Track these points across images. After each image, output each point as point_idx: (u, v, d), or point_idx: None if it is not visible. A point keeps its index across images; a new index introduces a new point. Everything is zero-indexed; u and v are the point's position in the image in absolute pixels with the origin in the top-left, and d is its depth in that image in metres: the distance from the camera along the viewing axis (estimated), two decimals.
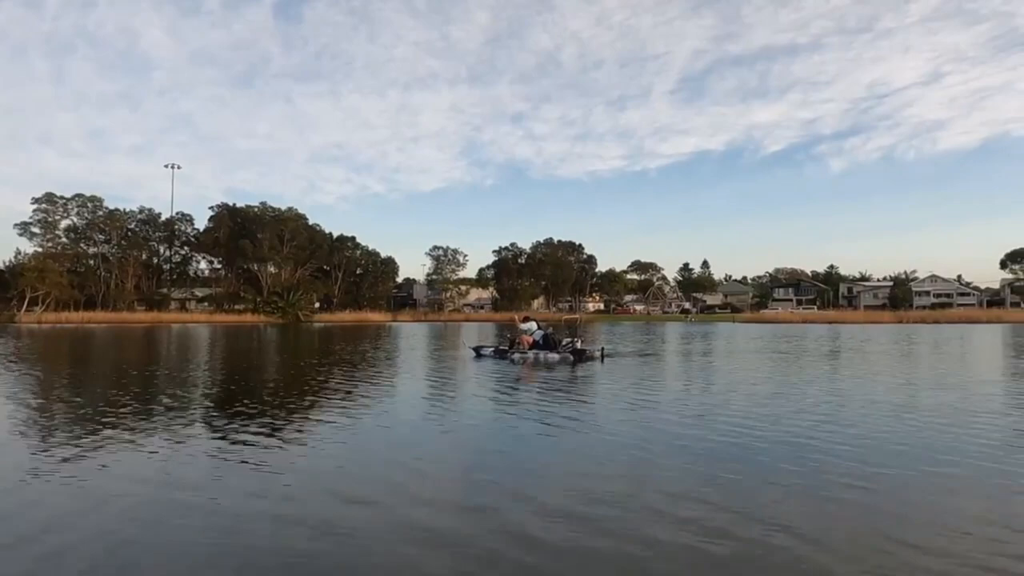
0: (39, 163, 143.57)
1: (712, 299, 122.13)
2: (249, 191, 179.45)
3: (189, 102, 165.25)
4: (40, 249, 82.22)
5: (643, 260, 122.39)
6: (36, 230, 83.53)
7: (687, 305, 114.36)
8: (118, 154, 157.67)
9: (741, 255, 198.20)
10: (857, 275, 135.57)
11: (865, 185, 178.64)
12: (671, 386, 13.80)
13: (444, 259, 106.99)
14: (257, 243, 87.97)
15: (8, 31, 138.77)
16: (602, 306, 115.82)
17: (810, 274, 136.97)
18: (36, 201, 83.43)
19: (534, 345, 19.71)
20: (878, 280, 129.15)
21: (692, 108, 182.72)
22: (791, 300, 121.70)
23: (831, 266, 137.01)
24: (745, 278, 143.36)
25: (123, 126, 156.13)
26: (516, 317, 22.89)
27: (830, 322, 69.73)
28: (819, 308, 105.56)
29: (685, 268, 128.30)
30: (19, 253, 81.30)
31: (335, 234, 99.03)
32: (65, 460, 6.79)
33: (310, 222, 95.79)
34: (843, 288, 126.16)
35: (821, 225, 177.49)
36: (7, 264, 79.70)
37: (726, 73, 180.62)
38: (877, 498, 5.39)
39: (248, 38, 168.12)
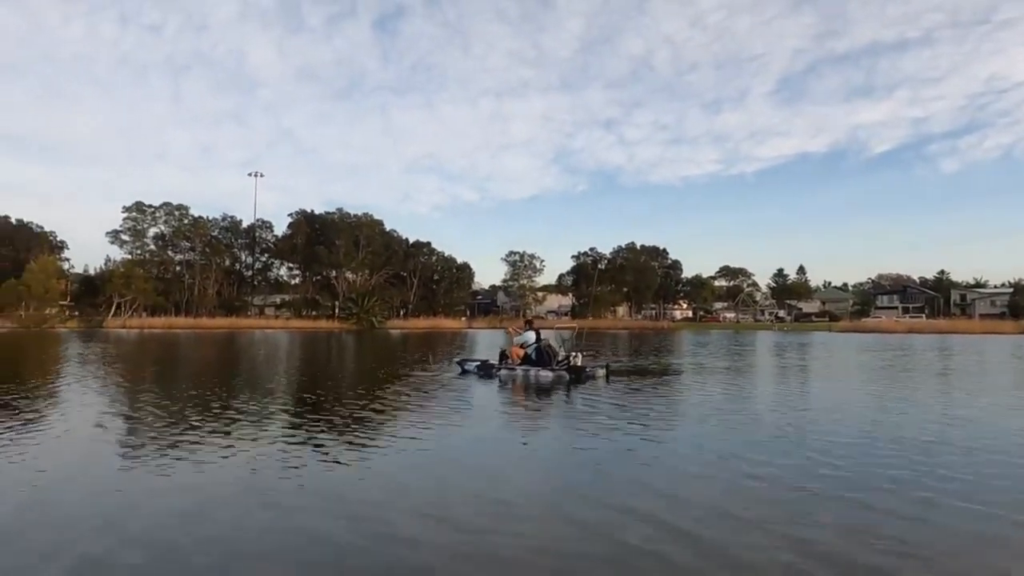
0: (155, 178, 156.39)
1: (808, 306, 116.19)
2: (348, 202, 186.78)
3: (292, 117, 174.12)
4: (129, 256, 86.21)
5: (733, 266, 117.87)
6: (126, 238, 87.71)
7: (781, 313, 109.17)
8: (227, 168, 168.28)
9: (841, 261, 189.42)
10: (971, 281, 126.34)
11: (981, 186, 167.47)
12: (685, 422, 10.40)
13: (520, 265, 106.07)
14: (333, 249, 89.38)
15: (133, 54, 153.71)
16: (690, 314, 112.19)
17: (918, 280, 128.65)
18: (127, 210, 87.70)
19: (525, 360, 16.97)
20: (996, 287, 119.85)
21: (792, 109, 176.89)
22: (896, 308, 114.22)
23: (941, 272, 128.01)
24: (845, 285, 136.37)
25: (232, 142, 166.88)
26: (510, 326, 19.45)
27: (940, 332, 64.52)
28: (928, 317, 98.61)
29: (779, 274, 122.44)
30: (109, 260, 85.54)
31: (411, 240, 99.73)
32: (159, 463, 7.05)
33: (387, 228, 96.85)
34: (955, 295, 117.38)
35: (931, 229, 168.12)
36: (98, 271, 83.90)
37: (829, 72, 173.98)
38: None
39: (348, 54, 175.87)
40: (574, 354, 16.85)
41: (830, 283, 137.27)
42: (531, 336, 17.43)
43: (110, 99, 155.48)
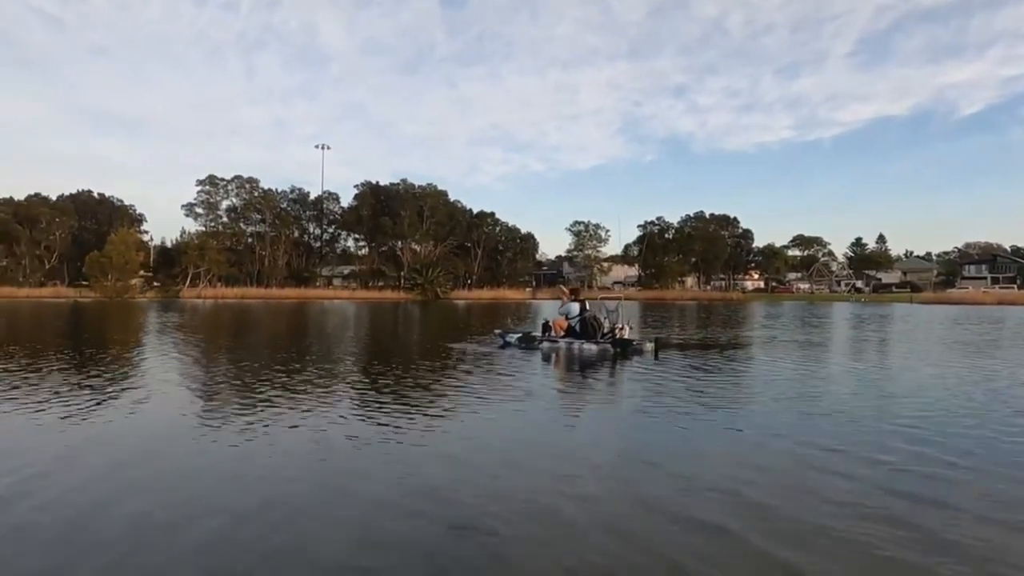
0: (230, 152, 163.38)
1: (888, 277, 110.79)
2: (415, 173, 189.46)
3: (360, 90, 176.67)
4: (203, 228, 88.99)
5: (807, 235, 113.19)
6: (200, 211, 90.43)
7: (859, 283, 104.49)
8: (298, 141, 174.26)
9: (925, 229, 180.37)
10: None
11: None
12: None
13: (585, 235, 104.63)
14: (398, 220, 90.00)
15: (207, 32, 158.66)
16: (762, 284, 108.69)
17: (1009, 249, 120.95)
18: (200, 183, 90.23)
19: (569, 332, 16.16)
20: None
21: (873, 72, 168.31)
22: (984, 278, 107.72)
23: None
24: (929, 254, 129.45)
25: (302, 116, 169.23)
26: (564, 291, 18.29)
27: None
28: (1020, 287, 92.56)
29: (857, 243, 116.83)
30: (184, 233, 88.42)
31: (475, 210, 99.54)
32: (230, 429, 7.32)
33: (451, 198, 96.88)
34: None
35: None
36: (174, 243, 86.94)
37: (914, 31, 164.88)
38: None
39: (415, 26, 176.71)
40: (620, 326, 15.92)
41: (912, 252, 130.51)
42: (575, 307, 16.55)
43: (187, 76, 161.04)
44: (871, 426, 7.46)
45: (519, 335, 16.93)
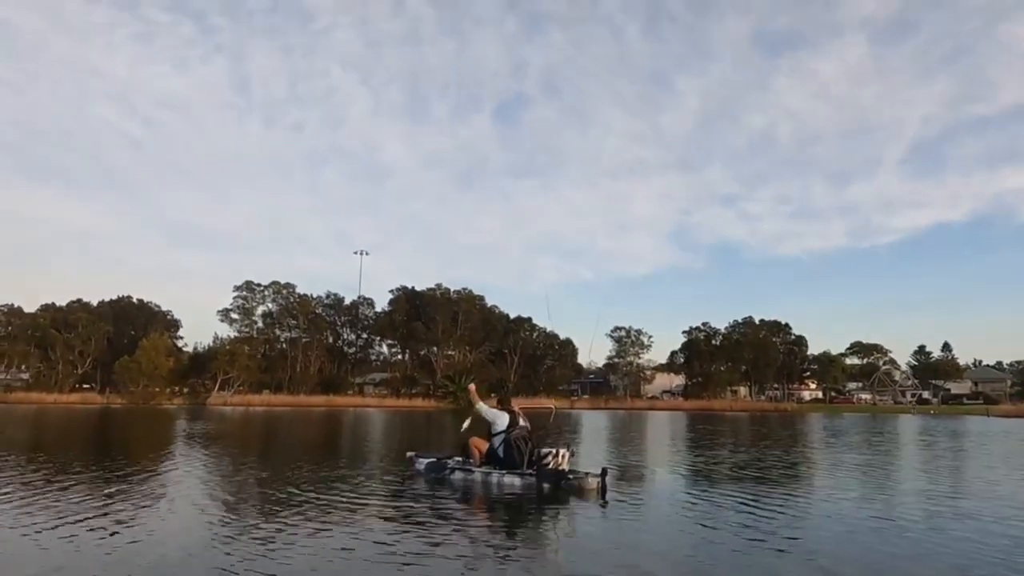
0: (294, 262, 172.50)
1: (957, 387, 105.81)
2: (472, 281, 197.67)
3: (418, 203, 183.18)
4: (237, 334, 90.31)
5: (866, 342, 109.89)
6: (235, 316, 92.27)
7: (925, 394, 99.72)
8: (358, 253, 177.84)
9: (994, 337, 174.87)
10: None
11: None
12: None
13: (627, 341, 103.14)
14: (432, 325, 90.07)
15: (278, 150, 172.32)
16: (820, 394, 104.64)
17: None
18: (237, 289, 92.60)
19: (490, 456, 12.02)
20: None
21: (928, 178, 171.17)
22: None
23: None
24: (1000, 363, 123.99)
25: (363, 228, 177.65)
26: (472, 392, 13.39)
27: None
28: None
29: (921, 351, 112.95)
30: (216, 338, 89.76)
31: (513, 315, 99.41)
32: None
33: (490, 303, 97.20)
34: None
35: None
36: (205, 348, 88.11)
37: (967, 138, 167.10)
38: None
39: (471, 142, 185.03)
40: (549, 450, 11.63)
41: (981, 361, 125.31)
42: (503, 420, 12.14)
43: (256, 192, 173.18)
44: None
45: (432, 460, 13.26)
